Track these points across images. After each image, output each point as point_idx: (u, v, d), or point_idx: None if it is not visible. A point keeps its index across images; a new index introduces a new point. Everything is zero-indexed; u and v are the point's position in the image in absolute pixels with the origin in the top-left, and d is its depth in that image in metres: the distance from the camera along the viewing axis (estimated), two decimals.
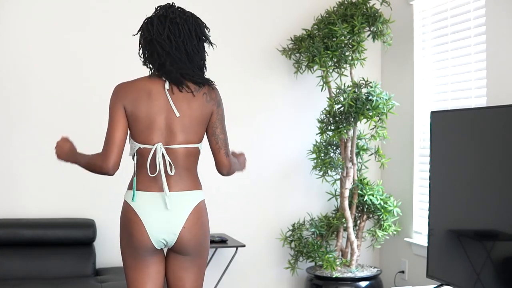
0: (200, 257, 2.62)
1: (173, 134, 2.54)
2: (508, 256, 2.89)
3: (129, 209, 2.53)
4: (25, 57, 4.36)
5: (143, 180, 2.54)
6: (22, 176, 4.35)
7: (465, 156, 3.21)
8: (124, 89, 2.52)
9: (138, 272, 2.56)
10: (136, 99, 2.50)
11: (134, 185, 2.53)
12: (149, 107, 2.50)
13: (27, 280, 3.96)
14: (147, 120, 2.51)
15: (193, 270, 2.62)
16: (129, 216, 2.52)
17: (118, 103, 2.51)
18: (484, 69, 3.75)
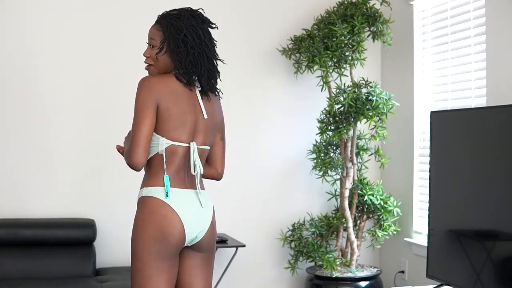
0: (213, 253, 2.67)
1: (198, 134, 2.58)
2: (508, 256, 2.89)
3: (162, 205, 2.47)
4: (25, 58, 4.36)
5: (175, 177, 2.52)
6: (22, 176, 4.35)
7: (465, 156, 3.21)
8: (157, 84, 2.49)
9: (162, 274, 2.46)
10: (169, 95, 2.49)
11: (167, 182, 2.49)
12: (181, 105, 2.51)
13: (27, 280, 3.96)
14: (180, 118, 2.51)
15: (208, 266, 2.64)
16: (164, 213, 2.46)
17: (151, 98, 2.46)
18: (484, 69, 3.75)
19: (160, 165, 2.51)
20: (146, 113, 2.46)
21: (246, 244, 4.65)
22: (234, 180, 4.69)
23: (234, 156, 4.69)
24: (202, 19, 2.60)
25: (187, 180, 2.57)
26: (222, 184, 4.66)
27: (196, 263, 2.61)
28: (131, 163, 2.46)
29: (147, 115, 2.46)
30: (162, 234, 2.45)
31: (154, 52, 2.57)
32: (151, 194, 2.49)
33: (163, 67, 2.58)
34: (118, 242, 4.47)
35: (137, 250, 2.46)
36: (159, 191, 2.49)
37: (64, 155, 4.41)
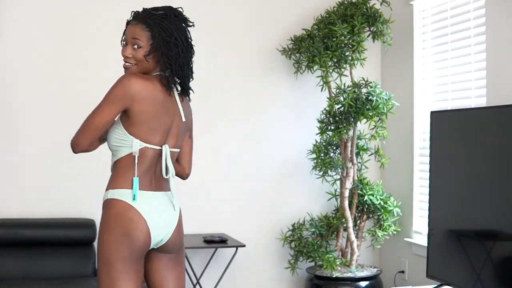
0: (182, 253, 2.64)
1: (171, 137, 2.56)
2: (508, 256, 2.89)
3: (129, 208, 2.45)
4: (23, 58, 4.36)
5: (143, 180, 2.50)
6: (22, 176, 4.35)
7: (465, 156, 3.21)
8: (136, 86, 2.43)
9: (129, 277, 2.44)
10: (146, 99, 2.45)
11: (136, 184, 2.48)
12: (158, 109, 2.48)
13: (27, 280, 3.96)
14: (155, 121, 2.48)
15: (177, 266, 2.61)
16: (130, 216, 2.44)
17: (122, 100, 2.42)
18: (484, 69, 3.75)
19: (129, 166, 2.49)
20: (109, 107, 2.42)
21: (246, 244, 4.65)
22: (234, 180, 4.69)
23: (234, 156, 4.69)
24: (184, 18, 2.55)
25: (154, 182, 2.54)
26: (222, 184, 4.66)
27: (164, 264, 2.59)
28: (74, 143, 2.45)
29: (110, 109, 2.42)
30: (128, 237, 2.42)
31: (139, 52, 2.49)
32: (117, 197, 2.46)
33: (146, 68, 2.52)
34: None
35: (104, 253, 2.43)
36: (125, 194, 2.46)
37: (64, 155, 4.41)
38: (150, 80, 2.49)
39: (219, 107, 4.67)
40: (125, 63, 2.52)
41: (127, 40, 2.52)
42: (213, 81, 4.66)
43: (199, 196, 4.63)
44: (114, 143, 2.49)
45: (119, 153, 2.50)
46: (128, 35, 2.51)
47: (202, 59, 4.64)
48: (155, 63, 2.52)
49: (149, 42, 2.48)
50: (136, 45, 2.49)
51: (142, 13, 2.51)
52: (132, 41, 2.49)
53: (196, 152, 4.63)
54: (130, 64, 2.51)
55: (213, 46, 4.67)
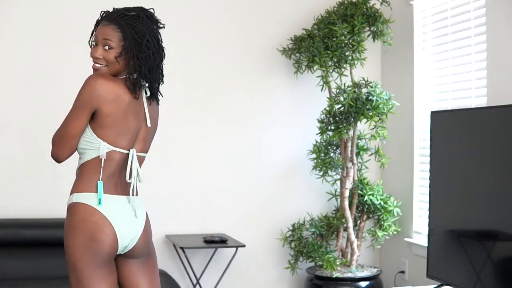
0: (153, 255, 2.59)
1: (138, 141, 2.53)
2: (508, 256, 2.89)
3: (93, 212, 2.39)
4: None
5: (108, 183, 2.45)
6: (22, 176, 4.35)
7: (465, 156, 3.21)
8: (103, 86, 2.37)
9: (99, 282, 2.38)
10: (113, 101, 2.39)
11: (101, 188, 2.41)
12: (125, 112, 2.43)
13: (27, 280, 3.96)
14: (123, 124, 2.43)
15: (148, 271, 2.56)
16: (95, 220, 2.37)
17: (91, 101, 2.37)
18: (484, 69, 3.75)
19: (95, 170, 2.43)
20: (81, 113, 2.38)
21: (246, 244, 4.65)
22: (234, 180, 4.69)
23: (234, 156, 4.69)
24: (155, 20, 2.50)
25: (120, 186, 2.49)
26: (222, 184, 4.66)
27: (134, 269, 2.54)
28: (56, 154, 2.43)
29: (82, 115, 2.38)
30: (94, 241, 2.37)
31: (111, 54, 2.42)
32: (81, 201, 2.41)
33: (117, 70, 2.46)
34: None
35: (71, 259, 2.39)
36: (90, 198, 2.41)
37: None
38: (118, 82, 2.43)
39: (218, 107, 4.67)
40: (94, 64, 2.45)
41: (97, 40, 2.44)
42: (213, 81, 4.66)
43: (199, 196, 4.63)
44: (82, 146, 2.44)
45: (86, 156, 2.44)
46: (99, 35, 2.44)
47: (201, 60, 4.63)
48: (125, 65, 2.46)
49: (120, 43, 2.42)
50: (107, 46, 2.42)
51: (114, 14, 2.44)
52: (103, 41, 2.43)
53: (196, 153, 4.63)
54: (100, 65, 2.45)
55: (213, 46, 4.66)
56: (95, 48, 2.45)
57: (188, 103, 4.62)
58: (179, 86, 4.60)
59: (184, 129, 4.61)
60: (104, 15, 2.47)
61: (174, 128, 4.59)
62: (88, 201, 2.41)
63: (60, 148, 2.43)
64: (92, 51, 2.45)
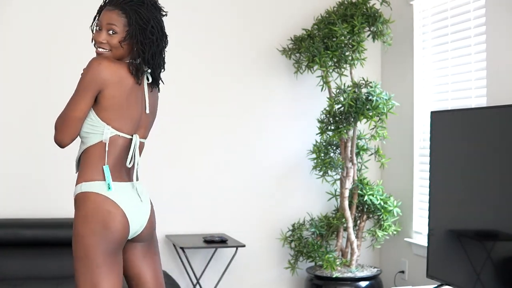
0: (154, 240, 2.61)
1: (140, 127, 2.54)
2: (508, 256, 2.89)
3: (105, 200, 2.39)
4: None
5: (114, 170, 2.45)
6: (22, 176, 4.35)
7: (465, 156, 3.21)
8: (107, 69, 2.38)
9: (110, 270, 2.39)
10: (117, 84, 2.40)
11: (108, 173, 2.41)
12: (128, 97, 2.43)
13: (27, 280, 3.96)
14: (126, 108, 2.43)
15: (151, 254, 2.59)
16: (107, 208, 2.38)
17: (95, 83, 2.36)
18: (484, 69, 3.75)
19: (99, 156, 2.43)
20: (85, 95, 2.37)
21: (246, 244, 4.65)
22: (234, 180, 4.69)
23: (234, 156, 4.69)
24: (159, 7, 2.50)
25: (124, 173, 2.49)
26: (222, 184, 4.66)
27: (140, 253, 2.55)
28: (60, 138, 2.41)
29: (86, 97, 2.38)
30: (108, 230, 2.37)
31: (114, 38, 2.42)
32: (91, 190, 2.40)
33: (120, 54, 2.46)
34: None
35: (83, 248, 2.37)
36: (99, 186, 2.40)
37: (64, 155, 4.41)
38: (121, 65, 2.43)
39: (219, 107, 4.67)
40: (98, 49, 2.45)
41: (101, 25, 2.44)
42: (213, 81, 4.66)
43: (199, 196, 4.63)
44: (85, 130, 2.42)
45: (89, 141, 2.43)
46: (103, 20, 2.43)
47: (201, 60, 4.64)
48: (128, 50, 2.46)
49: (125, 28, 2.42)
50: (112, 31, 2.42)
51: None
52: (107, 26, 2.42)
53: (196, 152, 4.63)
54: (103, 50, 2.45)
55: (213, 46, 4.66)
56: (99, 32, 2.45)
57: (188, 103, 4.62)
58: (179, 86, 4.60)
59: (183, 130, 4.61)
60: (108, 1, 2.47)
61: (174, 128, 4.59)
62: (97, 190, 2.40)
63: (64, 132, 2.41)
64: (96, 35, 2.46)
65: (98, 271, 2.37)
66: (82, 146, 2.47)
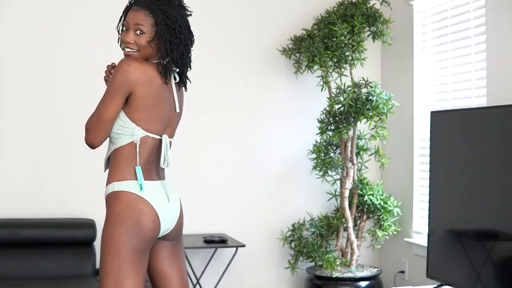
0: (181, 239, 2.64)
1: (169, 127, 2.56)
2: (508, 256, 2.89)
3: (137, 199, 2.42)
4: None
5: (145, 169, 2.48)
6: (22, 176, 4.35)
7: (465, 156, 3.21)
8: (136, 70, 2.40)
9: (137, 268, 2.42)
10: (146, 84, 2.42)
11: (140, 173, 2.44)
12: (157, 97, 2.46)
13: (27, 280, 3.96)
14: (155, 109, 2.46)
15: (179, 252, 2.62)
16: (140, 207, 2.41)
17: (125, 84, 2.39)
18: (484, 69, 3.75)
19: (131, 156, 2.46)
20: (116, 97, 2.40)
21: (246, 244, 4.65)
22: (234, 180, 4.69)
23: (234, 156, 4.69)
24: (184, 6, 2.53)
25: (154, 172, 2.52)
26: (222, 184, 4.66)
27: (166, 251, 2.58)
28: (91, 140, 2.43)
29: (117, 99, 2.40)
30: (140, 228, 2.40)
31: (142, 38, 2.43)
32: (123, 189, 2.43)
33: (148, 54, 2.48)
34: None
35: (114, 246, 2.39)
36: (131, 185, 2.43)
37: (64, 155, 4.41)
38: (150, 65, 2.45)
39: (219, 107, 4.67)
40: (125, 49, 2.47)
41: (128, 25, 2.46)
42: (213, 81, 4.66)
43: (199, 196, 4.63)
44: (115, 130, 2.46)
45: (119, 141, 2.46)
46: (130, 20, 2.45)
47: (202, 59, 4.64)
48: (156, 50, 2.48)
49: (152, 28, 2.44)
50: (139, 31, 2.44)
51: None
52: (135, 26, 2.44)
53: (196, 152, 4.63)
54: (131, 50, 2.47)
55: (213, 46, 4.66)
56: (126, 33, 2.47)
57: (188, 103, 4.62)
58: None
59: (183, 130, 4.61)
60: (134, 1, 2.49)
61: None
62: (130, 189, 2.43)
63: (95, 133, 2.43)
64: (123, 36, 2.47)
65: (126, 269, 2.39)
66: (111, 146, 2.49)
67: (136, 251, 2.40)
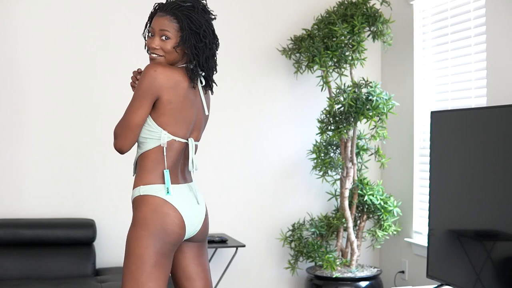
0: (206, 241, 2.68)
1: (195, 130, 2.59)
2: (508, 256, 2.89)
3: (164, 203, 2.46)
4: (24, 57, 4.36)
5: (171, 173, 2.52)
6: (22, 176, 4.35)
7: (465, 156, 3.21)
8: (162, 75, 2.44)
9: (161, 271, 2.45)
10: (173, 89, 2.45)
11: (168, 177, 2.48)
12: (184, 100, 2.49)
13: (27, 280, 3.96)
14: (182, 113, 2.49)
15: (203, 253, 2.65)
16: (166, 211, 2.45)
17: (152, 89, 2.42)
18: (484, 69, 3.75)
19: (158, 160, 2.50)
20: (143, 102, 2.44)
21: (246, 244, 4.65)
22: (234, 180, 4.69)
23: (234, 156, 4.69)
24: (208, 11, 2.57)
25: (180, 175, 2.56)
26: (222, 184, 4.66)
27: (190, 253, 2.61)
28: (120, 145, 2.47)
29: (144, 104, 2.44)
30: (165, 232, 2.44)
31: (168, 44, 2.48)
32: (150, 193, 2.47)
33: (174, 59, 2.52)
34: (118, 242, 4.47)
35: (139, 248, 2.43)
36: (158, 189, 2.48)
37: (64, 155, 4.41)
38: (176, 70, 2.49)
39: (219, 107, 4.67)
40: (151, 55, 2.52)
41: (154, 31, 2.50)
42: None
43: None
44: (142, 135, 2.50)
45: (146, 146, 2.50)
46: (156, 26, 2.50)
47: None
48: (181, 55, 2.52)
49: (178, 33, 2.48)
50: (165, 36, 2.48)
51: (169, 5, 2.51)
52: (160, 32, 2.49)
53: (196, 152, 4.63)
54: (157, 55, 2.51)
55: None
56: (152, 39, 2.52)
57: None
58: None
59: None
60: (158, 7, 2.53)
61: None
62: (156, 193, 2.47)
63: (124, 139, 2.47)
64: (149, 41, 2.52)
65: (149, 271, 2.43)
66: (139, 150, 2.54)
67: (160, 254, 2.44)
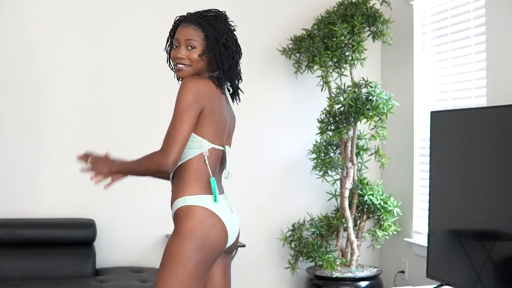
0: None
1: (228, 137, 2.62)
2: (508, 256, 2.89)
3: (211, 215, 2.44)
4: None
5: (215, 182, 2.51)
6: (22, 176, 4.35)
7: (465, 156, 3.21)
8: (203, 87, 2.44)
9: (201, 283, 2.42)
10: (212, 99, 2.46)
11: (214, 185, 2.47)
12: (221, 109, 2.50)
13: (27, 280, 3.96)
14: (221, 121, 2.50)
15: (230, 264, 2.66)
16: (212, 223, 2.43)
17: (197, 103, 2.41)
18: (484, 69, 3.75)
19: (200, 169, 2.47)
20: (189, 116, 2.41)
21: (246, 244, 4.65)
22: (234, 180, 4.69)
23: (234, 156, 4.69)
24: (228, 21, 2.58)
25: (219, 184, 2.57)
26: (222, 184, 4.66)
27: (224, 263, 2.60)
28: (172, 161, 2.38)
29: (190, 118, 2.41)
30: (211, 245, 2.42)
31: (194, 53, 2.48)
32: (197, 203, 2.44)
33: (200, 68, 2.52)
34: (118, 242, 4.47)
35: (181, 260, 2.39)
36: (204, 200, 2.45)
37: (64, 155, 4.41)
38: (208, 80, 2.49)
39: None
40: (178, 65, 2.51)
41: (179, 42, 2.50)
42: None
43: None
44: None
45: (186, 155, 2.47)
46: (181, 37, 2.50)
47: None
48: (207, 63, 2.52)
49: (203, 42, 2.48)
50: (190, 46, 2.48)
51: (192, 15, 2.51)
52: (186, 42, 2.49)
53: None
54: (184, 65, 2.51)
55: None
56: (177, 49, 2.51)
57: None
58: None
59: None
60: (180, 19, 2.55)
61: None
62: (203, 203, 2.45)
63: (177, 153, 2.40)
64: (174, 53, 2.51)
65: (189, 284, 2.40)
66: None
67: (202, 267, 2.42)
